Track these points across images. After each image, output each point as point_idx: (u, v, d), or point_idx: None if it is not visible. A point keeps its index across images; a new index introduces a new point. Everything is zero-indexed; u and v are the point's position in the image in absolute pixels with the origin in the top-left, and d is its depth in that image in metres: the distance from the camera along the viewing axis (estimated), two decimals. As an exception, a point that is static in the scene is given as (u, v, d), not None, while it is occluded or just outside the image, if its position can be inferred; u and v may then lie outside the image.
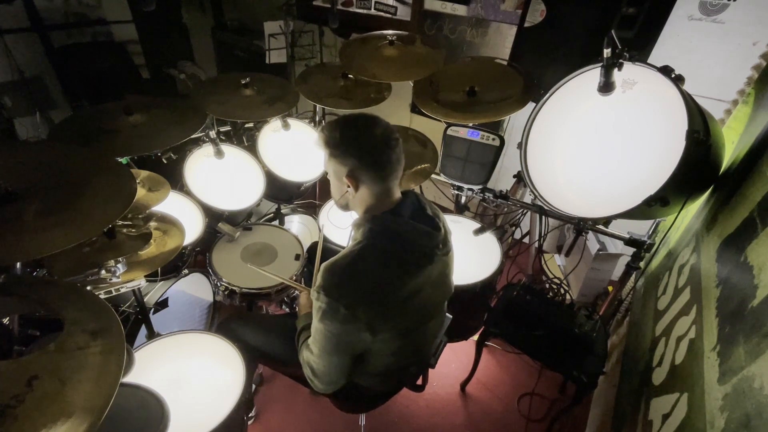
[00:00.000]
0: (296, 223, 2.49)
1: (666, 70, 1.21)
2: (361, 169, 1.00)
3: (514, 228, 2.15)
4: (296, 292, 1.82)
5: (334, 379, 1.11)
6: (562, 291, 1.76)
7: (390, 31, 2.11)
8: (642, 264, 1.65)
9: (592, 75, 1.37)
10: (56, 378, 0.71)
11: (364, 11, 2.86)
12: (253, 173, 1.98)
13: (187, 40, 3.95)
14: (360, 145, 1.00)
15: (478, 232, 1.78)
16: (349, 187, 1.03)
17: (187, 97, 2.06)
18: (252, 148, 2.03)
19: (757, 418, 0.70)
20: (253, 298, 1.73)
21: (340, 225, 1.95)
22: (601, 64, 1.26)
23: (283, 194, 2.26)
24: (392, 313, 1.02)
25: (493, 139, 1.81)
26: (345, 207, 1.13)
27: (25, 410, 0.66)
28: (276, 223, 2.28)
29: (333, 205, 1.91)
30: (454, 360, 2.08)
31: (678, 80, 1.19)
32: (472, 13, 2.45)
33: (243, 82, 1.93)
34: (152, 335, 1.62)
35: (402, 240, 1.02)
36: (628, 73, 1.29)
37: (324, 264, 1.00)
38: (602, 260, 2.12)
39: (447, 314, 1.41)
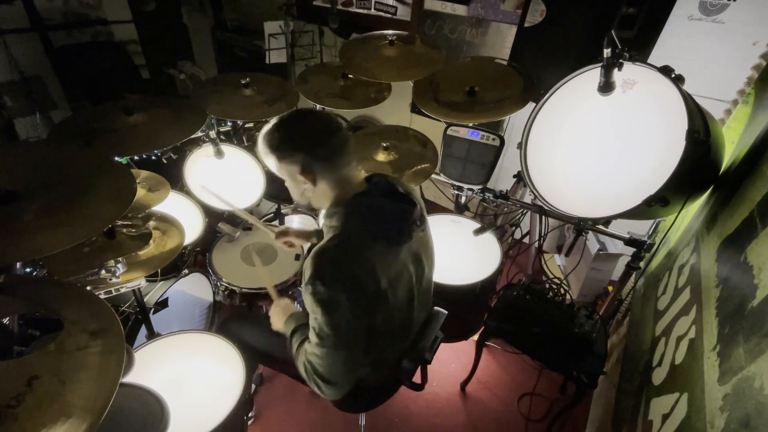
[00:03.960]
0: (296, 223, 2.49)
1: (666, 70, 1.21)
2: (312, 162, 0.99)
3: (514, 228, 2.15)
4: (296, 291, 1.82)
5: (347, 378, 1.07)
6: (562, 291, 1.76)
7: (390, 31, 2.11)
8: (642, 264, 1.65)
9: (592, 75, 1.37)
10: (56, 378, 0.71)
11: (364, 11, 2.87)
12: (253, 173, 1.98)
13: (187, 40, 3.95)
14: (302, 138, 0.99)
15: (478, 232, 1.78)
16: (305, 183, 1.02)
17: (187, 97, 2.06)
18: (252, 148, 2.03)
19: (757, 418, 0.70)
20: (253, 298, 1.73)
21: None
22: (601, 64, 1.26)
23: (283, 194, 2.26)
24: (385, 294, 1.02)
25: (493, 139, 1.81)
26: (309, 206, 1.13)
27: (25, 410, 0.66)
28: (276, 223, 2.28)
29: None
30: (454, 360, 2.08)
31: (678, 80, 1.19)
32: (472, 13, 2.45)
33: (243, 82, 1.93)
34: (152, 335, 1.62)
35: (380, 218, 1.02)
36: (628, 73, 1.29)
37: (313, 253, 0.99)
38: (602, 260, 2.12)
39: (441, 310, 1.40)
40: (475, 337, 1.85)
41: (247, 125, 2.21)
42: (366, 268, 0.98)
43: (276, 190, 2.16)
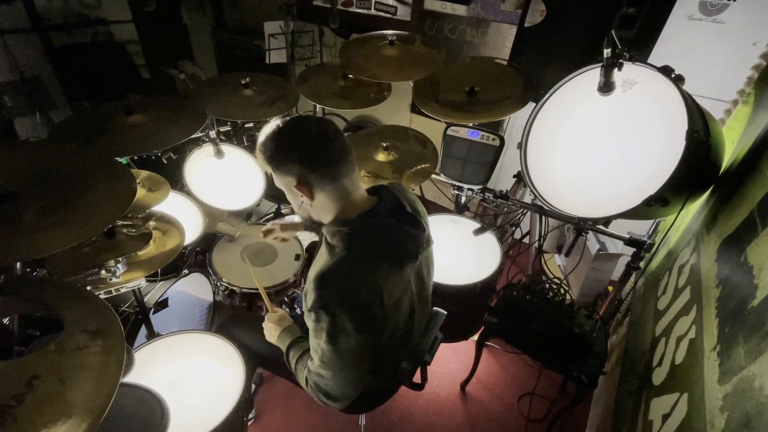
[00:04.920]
0: (289, 221, 2.49)
1: (666, 70, 1.21)
2: (308, 173, 0.95)
3: (514, 228, 2.15)
4: (295, 292, 1.82)
5: (352, 392, 1.05)
6: (562, 291, 1.75)
7: (390, 31, 2.11)
8: (642, 264, 1.65)
9: (592, 75, 1.37)
10: (56, 378, 0.71)
11: (364, 11, 2.87)
12: (253, 173, 1.98)
13: (187, 40, 3.95)
14: (297, 147, 0.95)
15: (478, 232, 1.78)
16: (302, 196, 0.98)
17: (187, 97, 2.06)
18: (252, 148, 2.03)
19: (757, 418, 0.70)
20: (253, 298, 1.73)
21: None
22: (601, 64, 1.26)
23: (283, 194, 2.26)
24: (390, 314, 1.01)
25: (493, 139, 1.81)
26: (310, 221, 1.07)
27: (25, 410, 0.66)
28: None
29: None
30: (454, 360, 2.08)
31: (678, 80, 1.19)
32: (472, 13, 2.45)
33: (243, 82, 1.93)
34: (152, 335, 1.62)
35: (385, 242, 0.98)
36: (628, 73, 1.29)
37: (312, 278, 0.94)
38: (602, 260, 2.12)
39: (441, 310, 1.40)
40: (475, 337, 1.85)
41: (247, 125, 2.21)
42: (372, 292, 0.94)
43: (276, 190, 2.15)
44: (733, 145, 1.47)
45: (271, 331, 1.24)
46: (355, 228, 0.96)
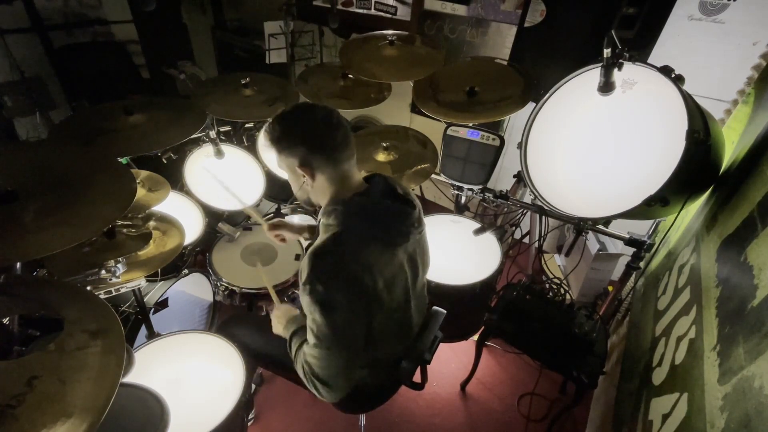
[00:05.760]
0: (296, 223, 2.49)
1: (666, 70, 1.21)
2: (311, 155, 1.00)
3: (514, 228, 2.15)
4: (295, 292, 1.82)
5: (343, 379, 1.05)
6: (562, 291, 1.75)
7: (390, 31, 2.11)
8: (642, 264, 1.65)
9: (592, 75, 1.37)
10: (56, 378, 0.71)
11: (364, 11, 2.87)
12: (253, 173, 1.98)
13: (187, 40, 3.95)
14: (302, 131, 1.00)
15: (478, 232, 1.78)
16: (304, 177, 1.03)
17: (187, 97, 2.07)
18: (252, 148, 2.03)
19: (757, 418, 0.70)
20: (253, 298, 1.73)
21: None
22: (601, 64, 1.26)
23: (283, 194, 2.27)
24: (383, 294, 1.02)
25: (493, 139, 1.81)
26: (308, 201, 1.13)
27: (25, 410, 0.66)
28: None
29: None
30: (454, 360, 2.08)
31: (678, 80, 1.19)
32: (472, 13, 2.45)
33: (243, 82, 1.93)
34: (152, 335, 1.62)
35: (377, 219, 1.02)
36: (628, 73, 1.29)
37: (310, 252, 0.98)
38: (602, 260, 2.12)
39: (440, 309, 1.40)
40: (475, 337, 1.85)
41: (247, 125, 2.21)
42: (364, 267, 0.97)
43: (276, 191, 2.16)
44: (733, 145, 1.47)
45: (279, 321, 1.25)
46: (349, 206, 1.01)
